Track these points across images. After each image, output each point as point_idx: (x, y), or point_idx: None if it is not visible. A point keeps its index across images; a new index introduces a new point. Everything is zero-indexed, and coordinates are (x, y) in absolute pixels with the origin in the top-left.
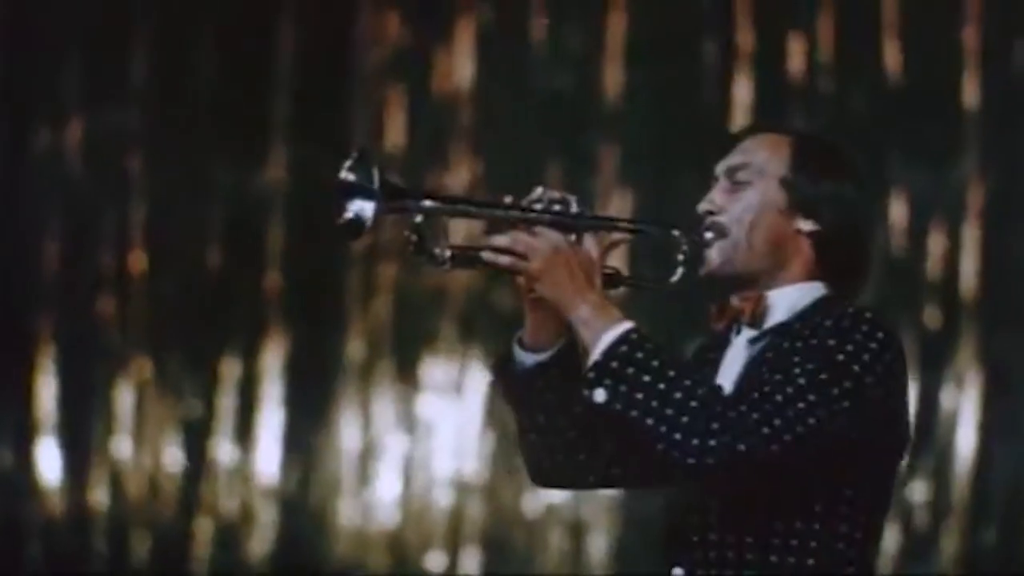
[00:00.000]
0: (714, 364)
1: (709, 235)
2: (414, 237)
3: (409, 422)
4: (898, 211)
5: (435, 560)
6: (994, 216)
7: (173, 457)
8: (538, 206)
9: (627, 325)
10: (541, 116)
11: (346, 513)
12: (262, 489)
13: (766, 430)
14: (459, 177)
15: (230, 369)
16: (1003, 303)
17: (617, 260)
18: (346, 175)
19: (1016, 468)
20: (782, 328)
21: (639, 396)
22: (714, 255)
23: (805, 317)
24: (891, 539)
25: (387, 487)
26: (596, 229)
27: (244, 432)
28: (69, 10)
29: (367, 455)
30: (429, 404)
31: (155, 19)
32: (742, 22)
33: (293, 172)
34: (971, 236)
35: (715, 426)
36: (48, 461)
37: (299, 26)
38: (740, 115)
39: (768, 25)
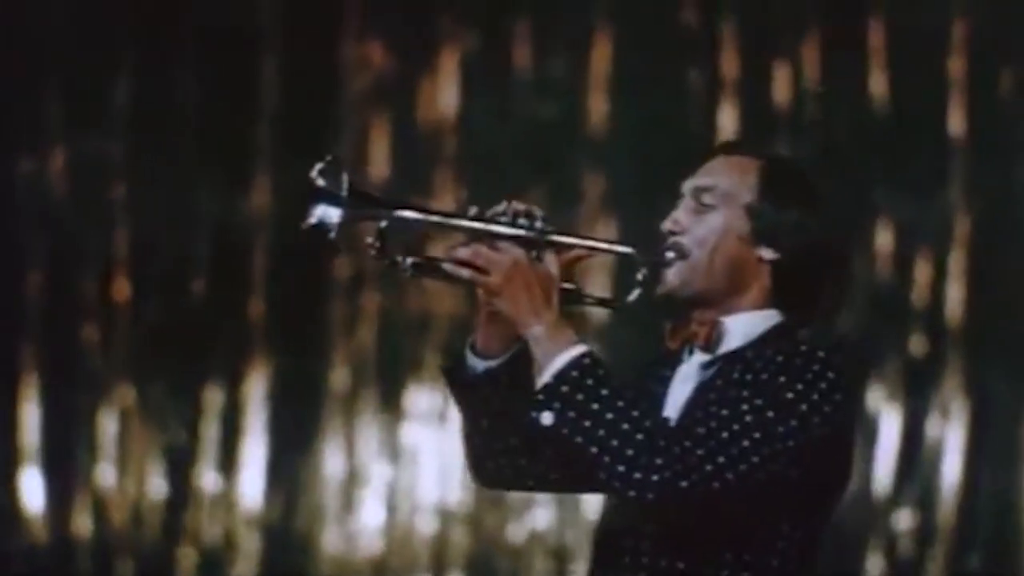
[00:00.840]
0: (664, 383)
1: (670, 255)
2: (377, 243)
3: (393, 450)
4: (884, 239)
5: None
6: (980, 244)
7: (157, 485)
8: (503, 219)
9: (580, 349)
10: (525, 144)
11: (330, 541)
12: (246, 517)
13: (709, 467)
14: (443, 205)
15: (214, 397)
16: (989, 331)
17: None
18: (315, 180)
19: (1001, 496)
20: (735, 355)
21: (586, 423)
22: (672, 275)
23: (759, 346)
24: (876, 567)
25: (371, 515)
26: (557, 246)
27: (228, 460)
28: (52, 37)
29: (351, 483)
30: (413, 432)
31: (138, 46)
32: (727, 50)
33: (277, 199)
34: (957, 264)
35: (659, 461)
36: (32, 489)
37: (283, 53)
38: None
39: (753, 53)
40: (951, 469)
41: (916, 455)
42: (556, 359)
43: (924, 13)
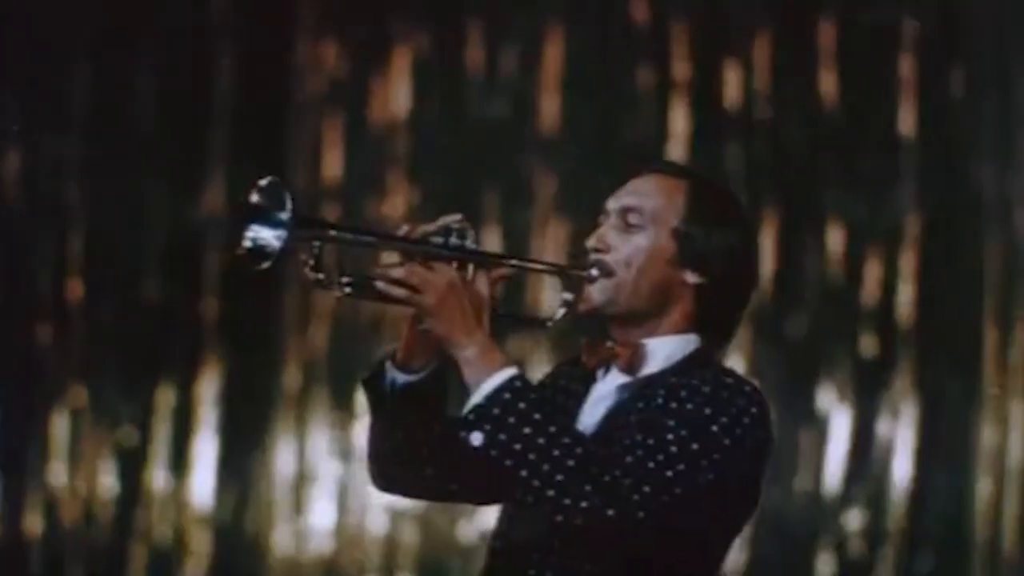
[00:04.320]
0: (574, 397)
1: (595, 272)
2: (311, 262)
3: (344, 450)
4: (834, 239)
5: None
6: (930, 244)
7: (108, 484)
8: (437, 239)
9: (512, 371)
10: (477, 145)
11: (281, 540)
12: (197, 516)
13: (636, 497)
14: (395, 205)
15: (166, 397)
16: (939, 332)
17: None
18: (255, 198)
19: (952, 496)
20: (655, 379)
21: (517, 447)
22: (596, 293)
23: (680, 371)
24: (826, 567)
25: (322, 514)
26: (488, 265)
27: (179, 459)
28: (5, 39)
29: (302, 482)
30: (364, 432)
31: (93, 48)
32: (678, 51)
33: (231, 200)
34: (907, 264)
35: (588, 488)
36: None
37: (237, 55)
38: (676, 144)
39: (704, 54)
40: (901, 469)
41: (866, 455)
42: (488, 381)
43: (874, 13)
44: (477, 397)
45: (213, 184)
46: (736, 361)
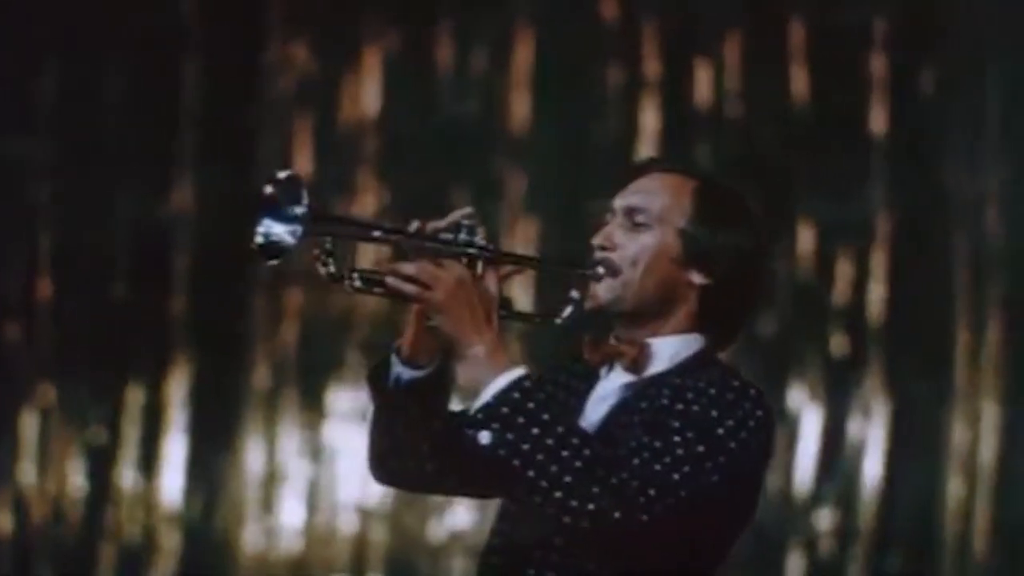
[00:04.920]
0: (576, 394)
1: (601, 270)
2: (325, 259)
3: (313, 449)
4: (805, 238)
5: None
6: (901, 243)
7: (77, 483)
8: (447, 236)
9: (521, 371)
10: (447, 144)
11: (250, 539)
12: (166, 515)
13: (642, 499)
14: (366, 204)
15: (135, 396)
16: (910, 331)
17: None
18: (271, 190)
19: (922, 495)
20: (661, 379)
21: (525, 447)
22: (602, 291)
23: (687, 372)
24: (796, 566)
25: (291, 514)
26: (499, 263)
27: (148, 459)
28: None
29: (271, 482)
30: (333, 431)
31: (61, 47)
32: (648, 49)
33: (200, 200)
34: (878, 263)
35: (595, 490)
36: None
37: (206, 54)
38: (646, 142)
39: (674, 52)
40: (872, 468)
41: (837, 454)
42: (497, 380)
43: (845, 12)
44: (486, 396)
45: (182, 184)
46: None
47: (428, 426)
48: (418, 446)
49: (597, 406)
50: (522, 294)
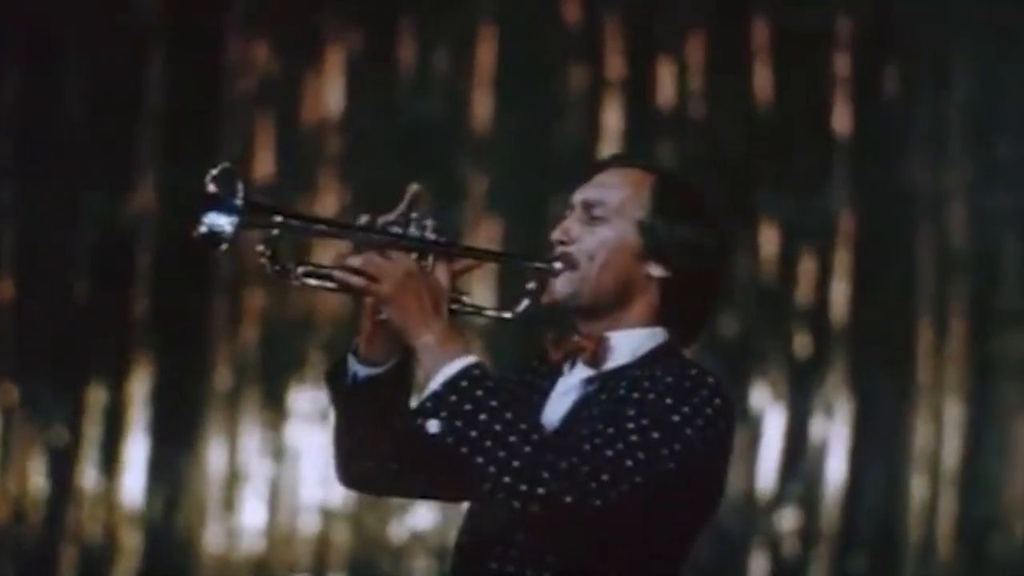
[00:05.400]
0: (541, 393)
1: (558, 265)
2: (268, 252)
3: (275, 449)
4: (768, 238)
5: None
6: (864, 243)
7: (39, 483)
8: (395, 229)
9: (470, 359)
10: (410, 143)
11: (212, 539)
12: (128, 515)
13: (593, 484)
14: (327, 203)
15: (96, 395)
16: (873, 331)
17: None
18: (208, 187)
19: (885, 496)
20: (621, 372)
21: (473, 434)
22: (559, 285)
23: (645, 364)
24: (759, 566)
25: (253, 513)
26: (449, 256)
27: (110, 458)
28: None
29: (233, 481)
30: (295, 431)
31: (23, 45)
32: (611, 49)
33: (161, 199)
34: (841, 263)
35: (545, 475)
36: None
37: (168, 53)
38: (609, 142)
39: (637, 52)
40: (835, 469)
41: (800, 455)
42: (445, 368)
43: (808, 12)
44: (434, 384)
45: (144, 183)
46: None
47: (388, 424)
48: (379, 446)
49: (559, 401)
50: (487, 291)
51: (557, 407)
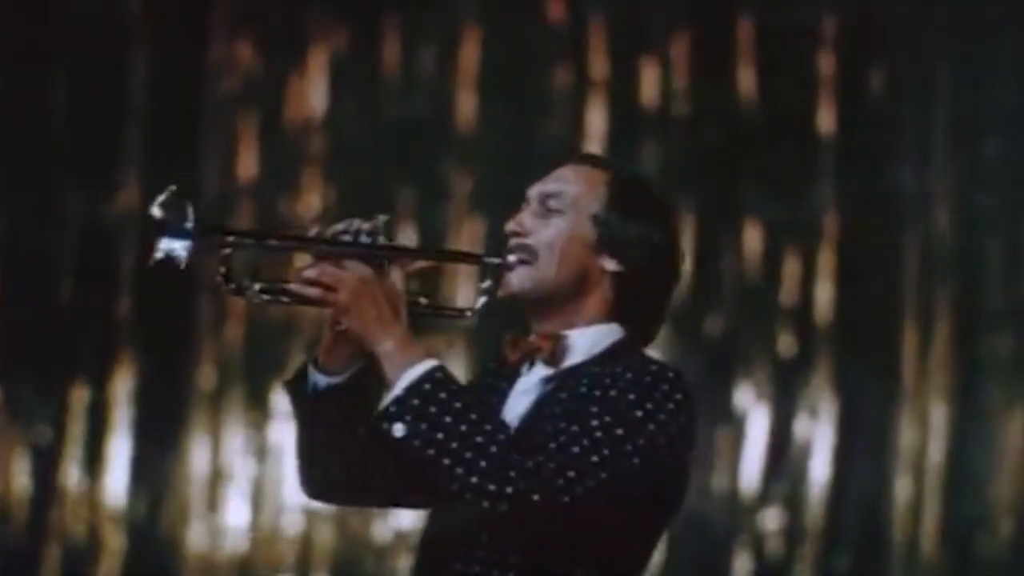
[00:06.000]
0: (500, 394)
1: (513, 257)
2: (223, 270)
3: (259, 449)
4: (752, 237)
5: None
6: (849, 243)
7: (22, 483)
8: (346, 238)
9: (432, 363)
10: (393, 143)
11: (195, 539)
12: (111, 515)
13: (560, 482)
14: (311, 203)
15: (80, 395)
16: (857, 331)
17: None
18: (157, 213)
19: (870, 495)
20: (579, 370)
21: (439, 436)
22: (515, 278)
23: (603, 361)
24: (743, 566)
25: (236, 513)
26: (402, 259)
27: (93, 458)
28: None
29: (216, 481)
30: (279, 431)
31: (5, 45)
32: (595, 49)
33: (145, 199)
34: (825, 263)
35: (512, 474)
36: None
37: (152, 52)
38: (594, 142)
39: (621, 52)
40: (819, 468)
41: (784, 454)
42: (407, 372)
43: (793, 12)
44: (397, 389)
45: (127, 183)
46: None
47: (352, 433)
48: (343, 455)
49: (519, 401)
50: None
51: (516, 407)
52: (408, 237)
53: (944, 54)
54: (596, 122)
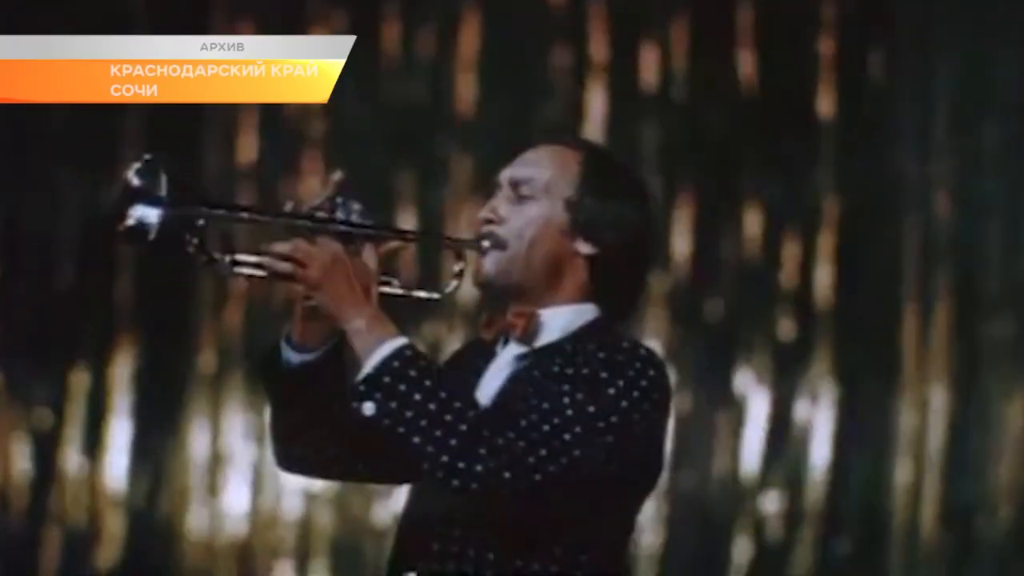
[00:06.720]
0: (476, 373)
1: (486, 244)
2: (195, 241)
3: (259, 433)
4: (752, 221)
5: (284, 570)
6: (849, 227)
7: (22, 466)
8: (320, 214)
9: (401, 341)
10: (393, 126)
11: (195, 523)
12: (111, 499)
13: (531, 459)
14: (311, 187)
15: (80, 379)
16: (858, 314)
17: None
18: (132, 180)
19: (870, 479)
20: (553, 348)
21: (408, 414)
22: (488, 264)
23: (577, 340)
24: (743, 550)
25: (236, 497)
26: (376, 238)
27: (93, 442)
28: None
29: (216, 465)
30: None
31: (3, 32)
32: (595, 32)
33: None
34: (826, 246)
35: (482, 451)
36: None
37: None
38: (593, 125)
39: (621, 35)
40: (819, 452)
41: (784, 438)
42: (377, 350)
43: None
44: (367, 367)
45: (127, 166)
46: (653, 344)
47: (325, 409)
48: (317, 430)
49: (493, 378)
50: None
51: (491, 384)
52: (407, 220)
53: (945, 38)
54: (596, 105)
